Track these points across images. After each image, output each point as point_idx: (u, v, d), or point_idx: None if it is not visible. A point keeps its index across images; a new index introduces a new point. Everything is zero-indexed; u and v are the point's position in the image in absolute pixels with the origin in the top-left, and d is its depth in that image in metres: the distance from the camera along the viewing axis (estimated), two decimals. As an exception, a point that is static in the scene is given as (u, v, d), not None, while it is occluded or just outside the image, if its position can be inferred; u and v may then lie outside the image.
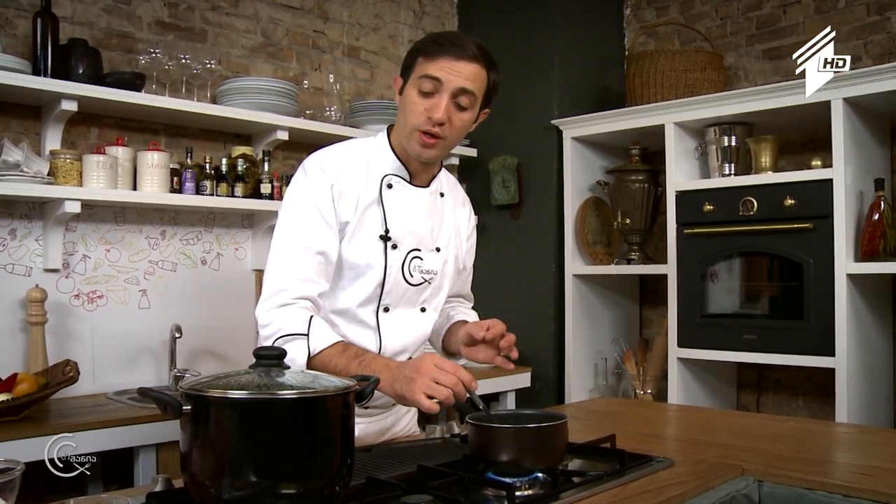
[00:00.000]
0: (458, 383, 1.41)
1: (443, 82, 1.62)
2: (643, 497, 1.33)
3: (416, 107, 1.65)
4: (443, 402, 1.42)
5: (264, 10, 3.42)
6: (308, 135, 3.25)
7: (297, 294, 1.62)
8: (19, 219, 2.71)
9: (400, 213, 1.73)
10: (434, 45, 1.65)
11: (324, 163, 1.71)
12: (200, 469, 1.11)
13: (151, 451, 2.38)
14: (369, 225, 1.71)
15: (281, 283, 1.63)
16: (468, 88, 1.64)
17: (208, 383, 1.13)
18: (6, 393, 2.23)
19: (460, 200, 1.94)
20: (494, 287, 3.92)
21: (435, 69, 1.62)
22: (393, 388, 1.46)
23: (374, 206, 1.72)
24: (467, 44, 1.65)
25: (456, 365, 1.45)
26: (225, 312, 3.15)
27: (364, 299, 1.72)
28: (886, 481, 1.44)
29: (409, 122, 1.67)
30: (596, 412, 2.33)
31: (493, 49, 1.73)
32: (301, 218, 1.67)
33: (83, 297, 2.85)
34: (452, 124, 1.66)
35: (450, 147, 1.73)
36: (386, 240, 1.71)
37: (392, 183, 1.74)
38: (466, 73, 1.63)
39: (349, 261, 1.70)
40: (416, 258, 1.76)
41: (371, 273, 1.71)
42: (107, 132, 2.92)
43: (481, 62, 1.66)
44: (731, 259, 3.13)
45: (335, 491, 1.15)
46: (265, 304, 1.63)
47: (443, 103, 1.63)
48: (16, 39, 2.70)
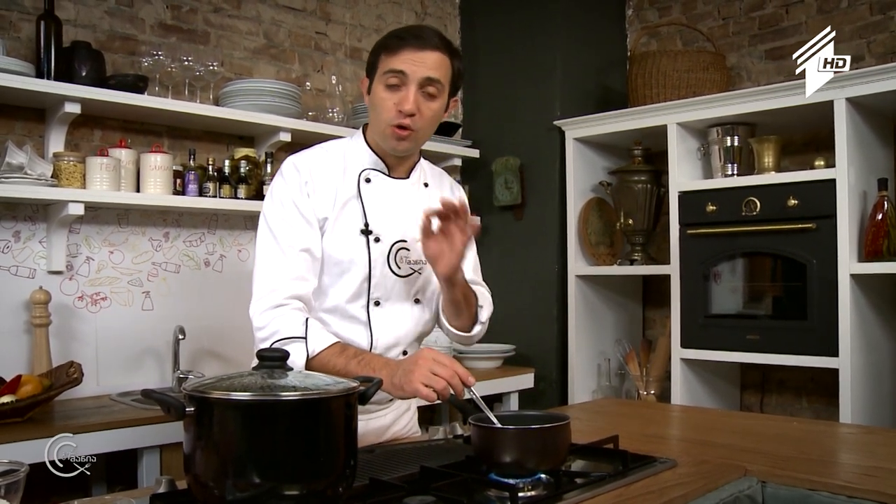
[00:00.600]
0: (454, 376, 1.45)
1: (408, 74, 1.65)
2: (646, 498, 1.33)
3: (385, 102, 1.67)
4: (439, 393, 1.44)
5: (266, 12, 3.42)
6: (311, 136, 3.23)
7: (289, 293, 1.64)
8: (23, 221, 2.72)
9: (380, 207, 1.75)
10: (395, 39, 1.68)
11: (298, 162, 1.74)
12: (204, 470, 1.11)
13: (155, 453, 2.38)
14: (349, 220, 1.72)
15: (271, 284, 1.65)
16: (433, 77, 1.67)
17: (212, 385, 1.13)
18: (10, 395, 2.25)
19: (447, 187, 1.93)
20: (497, 288, 3.88)
21: (398, 62, 1.65)
22: (391, 383, 1.49)
23: (353, 201, 1.74)
24: (428, 34, 1.68)
25: (453, 360, 1.49)
26: (228, 314, 3.15)
27: (352, 294, 1.73)
28: (891, 482, 1.44)
29: (381, 118, 1.69)
30: (599, 413, 2.33)
31: (494, 50, 1.75)
32: (281, 218, 1.69)
33: (87, 299, 2.86)
34: (422, 114, 1.69)
35: (424, 138, 1.76)
36: (367, 233, 1.73)
37: (370, 177, 1.76)
38: (430, 63, 1.66)
39: (332, 256, 1.71)
40: (403, 249, 1.77)
41: (355, 268, 1.72)
42: (110, 134, 2.93)
43: (444, 50, 1.69)
44: (734, 259, 3.13)
45: (338, 492, 1.15)
46: (258, 306, 1.65)
47: (410, 95, 1.65)
48: (19, 42, 2.71)
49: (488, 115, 4.02)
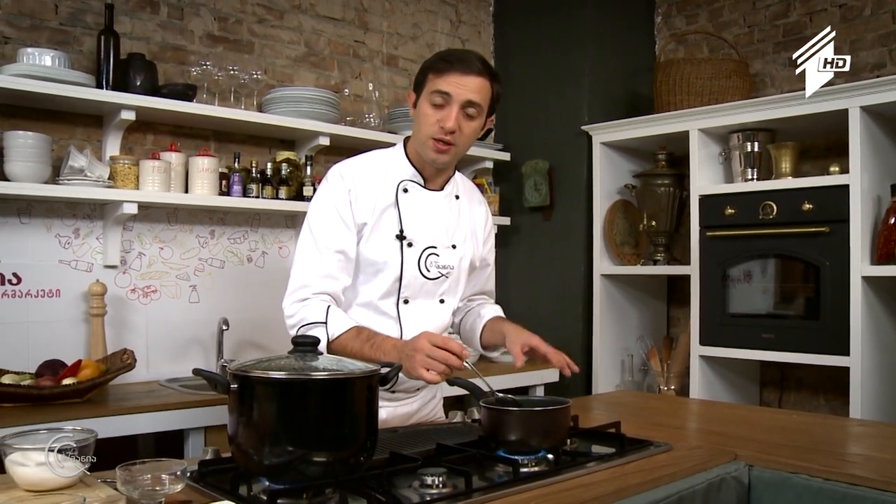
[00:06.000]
0: (449, 356, 1.59)
1: (452, 95, 1.81)
2: (637, 475, 1.48)
3: (429, 118, 1.84)
4: (442, 374, 1.60)
5: (307, 21, 3.61)
6: (348, 140, 3.42)
7: (318, 289, 1.82)
8: (82, 219, 2.94)
9: (415, 215, 1.92)
10: (442, 62, 1.84)
11: (343, 171, 1.91)
12: (245, 439, 1.28)
13: (200, 433, 2.57)
14: (386, 226, 1.89)
15: (303, 280, 1.83)
16: (475, 100, 1.83)
17: (252, 365, 1.31)
18: (72, 377, 2.46)
19: (476, 200, 2.11)
20: (526, 285, 4.07)
21: (444, 84, 1.81)
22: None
23: (391, 209, 1.90)
24: (472, 60, 1.84)
25: (446, 338, 1.64)
26: (268, 307, 3.33)
27: (384, 292, 1.90)
28: (867, 466, 1.57)
29: (424, 132, 1.86)
30: (613, 403, 2.47)
31: (526, 56, 1.90)
32: (322, 221, 1.87)
33: (139, 292, 3.07)
34: (462, 132, 1.85)
35: (461, 152, 1.92)
36: (401, 239, 1.89)
37: (408, 188, 1.93)
38: (472, 87, 1.82)
39: (368, 258, 1.88)
40: (433, 254, 1.93)
41: (388, 269, 1.89)
42: (161, 139, 3.14)
43: (486, 76, 1.85)
44: (752, 261, 3.23)
45: (360, 461, 1.32)
46: (289, 299, 1.84)
47: (453, 114, 1.81)
48: (82, 55, 2.93)
49: (519, 119, 4.17)
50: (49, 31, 2.87)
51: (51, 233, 2.87)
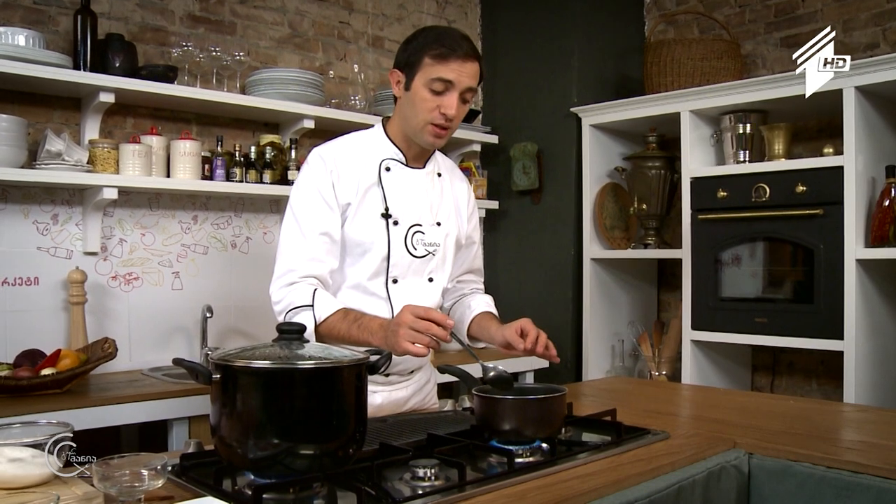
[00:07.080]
0: (431, 326, 1.57)
1: (455, 83, 1.79)
2: (635, 465, 1.43)
3: (428, 104, 1.81)
4: (427, 345, 1.57)
5: (291, 2, 3.53)
6: (333, 123, 3.35)
7: (304, 273, 1.79)
8: (61, 205, 2.86)
9: (399, 193, 1.89)
10: (440, 47, 1.79)
11: (323, 153, 1.88)
12: (229, 432, 1.23)
13: (184, 424, 2.51)
14: (370, 205, 1.86)
15: (289, 264, 1.80)
16: (473, 86, 1.83)
17: (236, 354, 1.25)
18: (51, 367, 2.39)
19: (458, 178, 2.10)
20: (515, 270, 4.02)
21: (447, 72, 1.78)
22: (387, 343, 1.62)
23: (375, 188, 1.88)
24: (465, 43, 1.81)
25: (428, 308, 1.61)
26: (253, 293, 3.29)
27: (373, 273, 1.87)
28: (870, 454, 1.53)
29: (422, 117, 1.83)
30: (606, 390, 2.43)
31: (513, 38, 1.88)
32: (305, 204, 1.83)
33: (120, 279, 3.00)
34: (458, 117, 1.85)
35: (452, 133, 1.92)
36: (387, 217, 1.87)
37: (390, 166, 1.91)
38: (471, 73, 1.81)
39: (354, 239, 1.85)
40: (418, 232, 1.91)
41: (375, 249, 1.86)
42: (142, 122, 3.06)
43: (478, 59, 1.84)
44: (744, 244, 3.19)
45: (349, 453, 1.27)
46: (276, 284, 1.81)
47: (455, 101, 1.80)
48: (58, 35, 2.84)
49: (507, 101, 4.11)
50: (22, 9, 2.78)
51: (28, 219, 2.79)
